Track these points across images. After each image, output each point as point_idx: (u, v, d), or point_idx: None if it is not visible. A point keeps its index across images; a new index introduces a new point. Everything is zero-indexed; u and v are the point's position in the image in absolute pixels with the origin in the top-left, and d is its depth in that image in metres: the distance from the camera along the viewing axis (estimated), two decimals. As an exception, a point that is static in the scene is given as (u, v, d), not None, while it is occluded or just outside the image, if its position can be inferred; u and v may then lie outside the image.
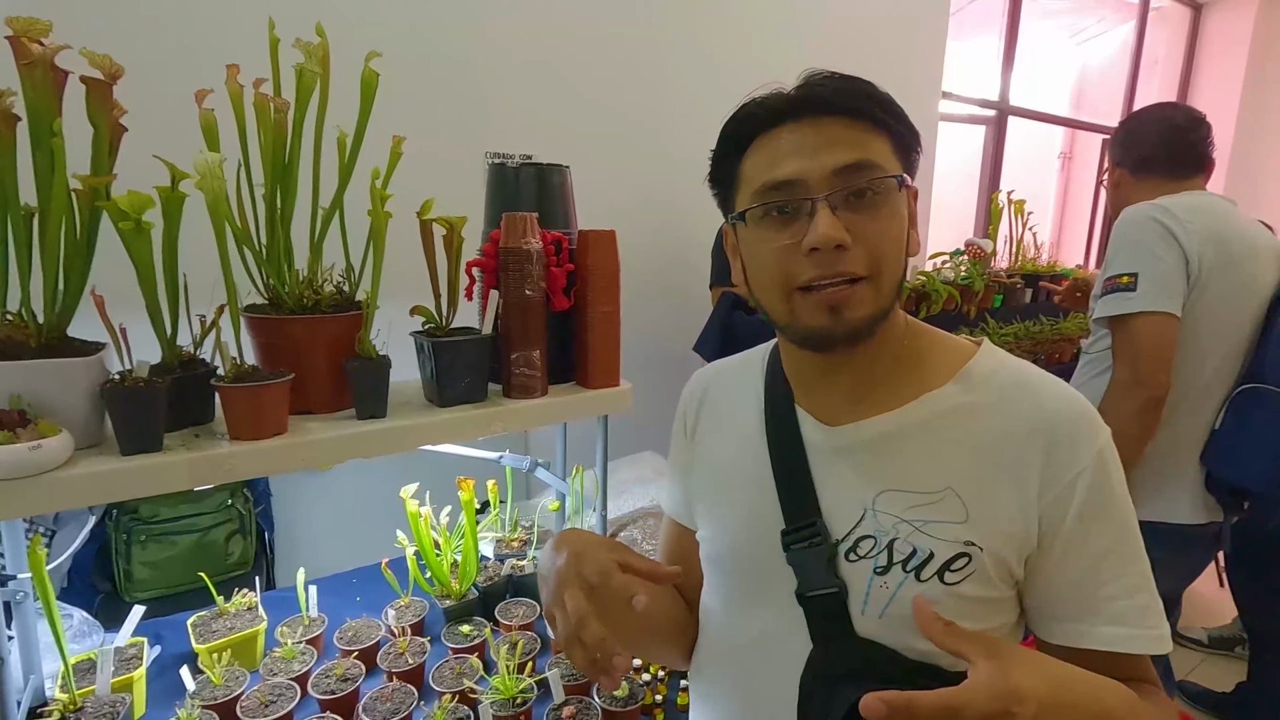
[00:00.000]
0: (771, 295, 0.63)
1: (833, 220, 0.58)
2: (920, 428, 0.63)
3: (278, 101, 0.93)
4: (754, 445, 0.71)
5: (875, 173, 0.59)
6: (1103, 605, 0.59)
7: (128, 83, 0.85)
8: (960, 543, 0.59)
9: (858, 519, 0.63)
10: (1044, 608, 0.62)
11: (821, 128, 0.60)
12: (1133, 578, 0.59)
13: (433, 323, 1.09)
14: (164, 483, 0.84)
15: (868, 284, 0.59)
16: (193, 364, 0.96)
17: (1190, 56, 4.68)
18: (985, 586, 0.60)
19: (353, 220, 1.03)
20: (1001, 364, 0.65)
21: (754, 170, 0.64)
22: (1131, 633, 0.58)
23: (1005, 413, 0.61)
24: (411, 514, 1.18)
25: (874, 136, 0.61)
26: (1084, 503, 0.59)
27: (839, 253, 0.58)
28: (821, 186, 0.59)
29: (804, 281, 0.59)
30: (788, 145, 0.61)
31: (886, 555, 0.61)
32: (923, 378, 0.65)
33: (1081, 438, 0.60)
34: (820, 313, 0.60)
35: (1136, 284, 1.33)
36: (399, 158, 1.03)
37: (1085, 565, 0.59)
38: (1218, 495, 1.40)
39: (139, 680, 1.00)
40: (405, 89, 1.77)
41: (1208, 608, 2.63)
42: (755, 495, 0.69)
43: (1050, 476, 0.59)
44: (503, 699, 0.99)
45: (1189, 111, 1.51)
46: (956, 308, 2.24)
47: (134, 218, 0.80)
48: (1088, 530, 0.59)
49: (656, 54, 2.25)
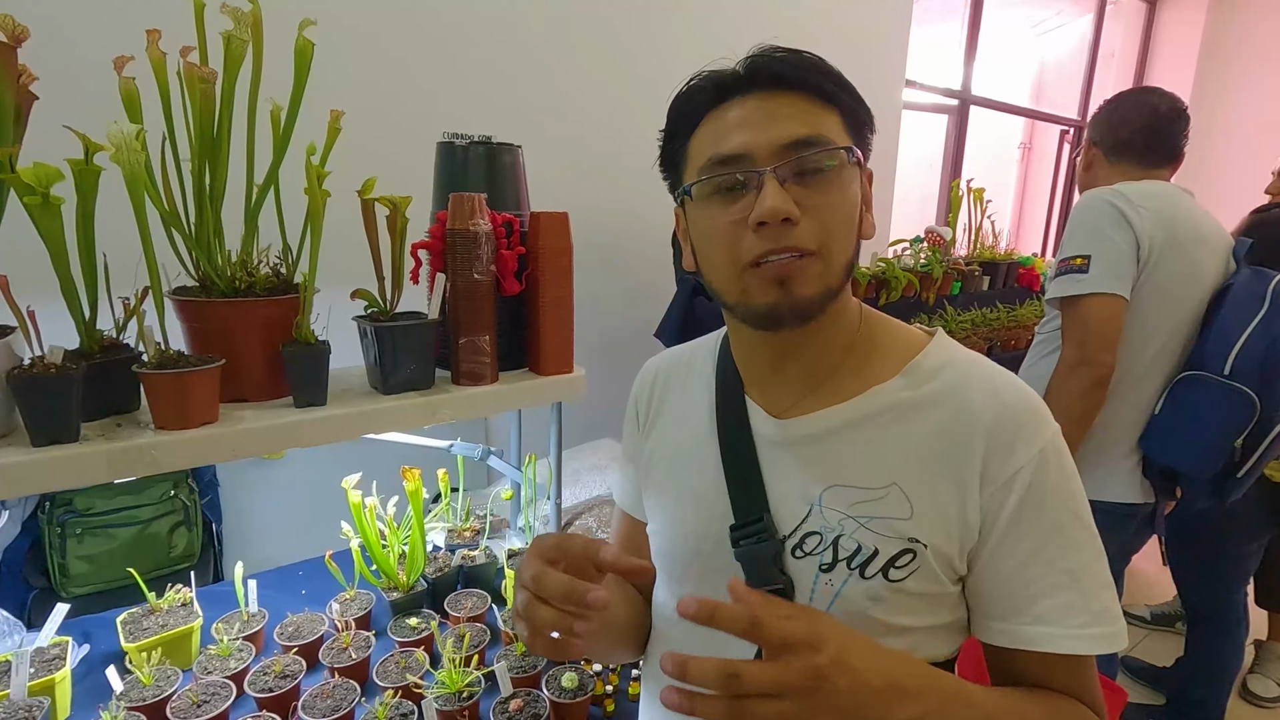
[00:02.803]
0: (722, 274, 0.61)
1: (780, 193, 0.55)
2: (866, 422, 0.62)
3: (203, 71, 0.88)
4: (704, 437, 0.70)
5: (825, 147, 0.57)
6: (1028, 604, 0.58)
7: (39, 48, 0.79)
8: (905, 539, 0.58)
9: (804, 515, 0.62)
10: (979, 606, 0.62)
11: (771, 102, 0.58)
12: (1058, 575, 0.58)
13: (376, 307, 1.05)
14: (80, 475, 0.80)
15: (816, 259, 0.57)
16: (115, 349, 0.90)
17: (1145, 50, 4.79)
18: (929, 582, 0.59)
19: (295, 200, 0.98)
20: (951, 357, 0.64)
21: (701, 146, 0.61)
22: (1051, 631, 0.57)
23: (949, 407, 0.60)
24: (354, 505, 1.14)
25: (825, 112, 0.59)
26: (1020, 500, 0.58)
27: (786, 227, 0.56)
28: (769, 160, 0.57)
29: (753, 257, 0.57)
30: (735, 119, 0.59)
31: (831, 552, 0.60)
32: (872, 370, 0.64)
33: (1024, 434, 0.58)
34: (769, 288, 0.58)
35: (1089, 266, 1.35)
36: (338, 133, 0.98)
37: (1015, 563, 0.58)
38: (1151, 478, 1.44)
39: (62, 682, 0.95)
40: (354, 63, 1.70)
41: (1150, 586, 2.73)
42: (705, 489, 0.68)
43: (990, 472, 0.58)
44: (448, 693, 0.97)
45: (1173, 101, 1.50)
46: (915, 294, 2.26)
47: (40, 192, 0.75)
48: (1020, 528, 0.58)
49: (614, 33, 2.21)
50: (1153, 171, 1.50)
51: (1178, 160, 1.52)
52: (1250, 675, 2.19)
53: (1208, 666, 1.94)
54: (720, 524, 0.65)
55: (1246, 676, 2.18)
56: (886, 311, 0.68)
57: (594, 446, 1.79)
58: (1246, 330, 1.32)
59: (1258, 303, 1.35)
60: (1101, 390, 1.36)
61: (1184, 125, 1.49)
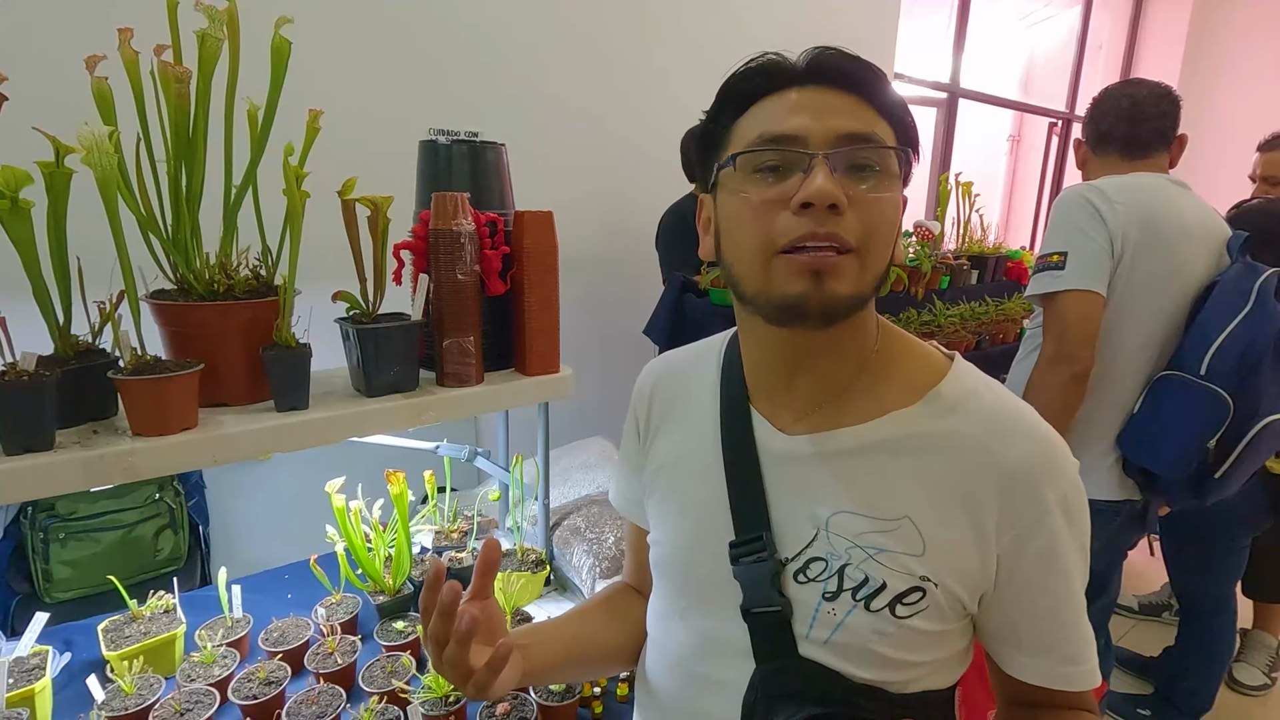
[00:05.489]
0: (748, 259, 0.57)
1: (831, 178, 0.53)
2: (882, 448, 0.59)
3: (177, 70, 0.86)
4: (708, 448, 0.67)
5: (881, 144, 0.55)
6: (1059, 643, 0.59)
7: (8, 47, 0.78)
8: (915, 576, 0.56)
9: (810, 538, 0.59)
10: (1003, 636, 0.61)
11: (830, 96, 0.56)
12: (1077, 611, 0.60)
13: (358, 308, 1.04)
14: (56, 483, 0.78)
15: (855, 258, 0.54)
16: (90, 355, 0.89)
17: (1132, 41, 4.81)
18: (938, 620, 0.58)
19: (274, 200, 0.97)
20: (974, 389, 0.61)
21: (750, 126, 0.58)
22: (1078, 671, 0.59)
23: (973, 445, 0.58)
24: (338, 509, 1.13)
25: (881, 121, 0.57)
26: (1049, 545, 0.57)
27: (832, 214, 0.53)
28: (823, 146, 0.54)
29: (789, 242, 0.54)
30: (793, 103, 0.56)
31: (837, 581, 0.58)
32: (889, 392, 0.61)
33: (1047, 477, 0.57)
34: (800, 278, 0.54)
35: (1065, 263, 1.35)
36: (316, 132, 0.97)
37: (1050, 604, 0.58)
38: (1133, 476, 1.44)
39: (42, 692, 0.94)
40: (336, 61, 1.68)
41: (1139, 576, 2.75)
42: (707, 502, 0.65)
43: (1011, 515, 0.56)
44: (435, 698, 0.96)
45: (1155, 89, 1.48)
46: (904, 289, 2.25)
47: (9, 195, 0.74)
48: (1056, 570, 0.58)
49: (601, 30, 2.19)
50: (1140, 162, 1.47)
51: (1167, 147, 1.48)
52: (1236, 664, 2.21)
53: (1199, 657, 1.95)
54: (720, 539, 0.63)
55: (1233, 665, 2.20)
56: (876, 306, 0.66)
57: (584, 445, 1.78)
58: (1226, 329, 1.30)
59: (1242, 300, 1.31)
60: (1080, 385, 1.35)
61: (1169, 109, 1.46)
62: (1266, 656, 2.21)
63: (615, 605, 0.81)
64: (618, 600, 0.82)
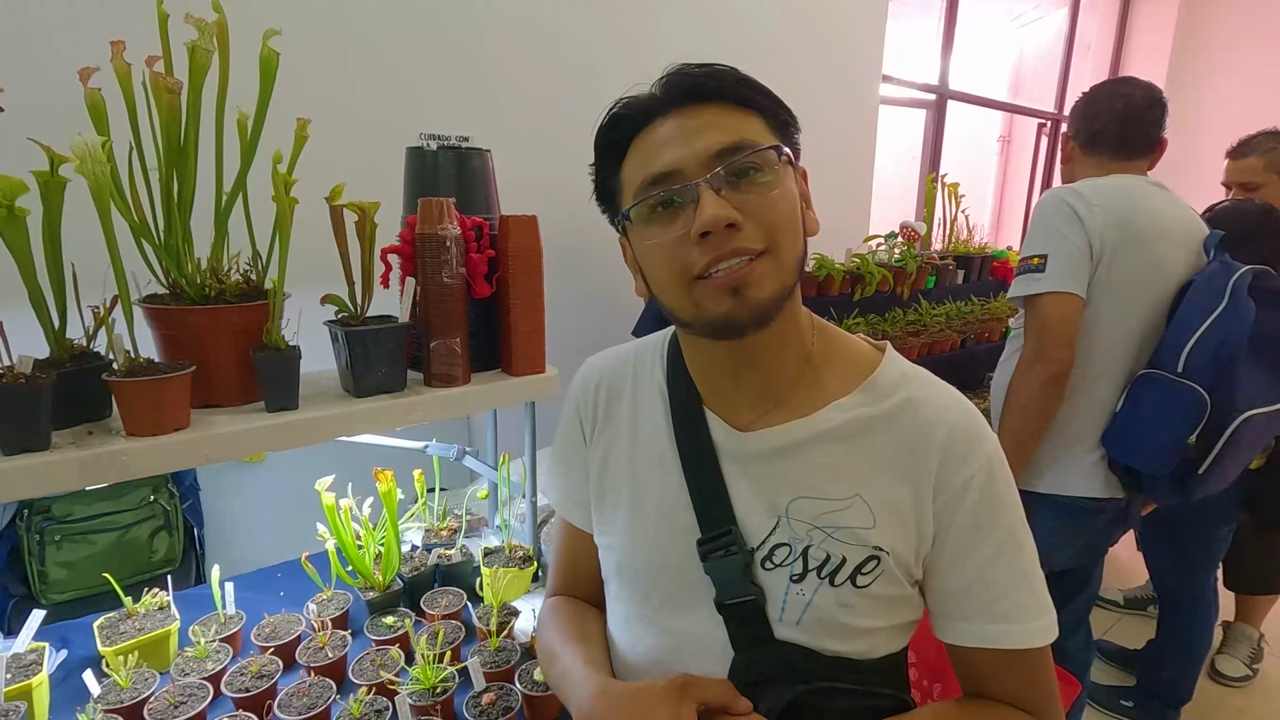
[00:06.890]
0: (672, 292, 0.61)
1: (719, 200, 0.56)
2: (829, 436, 0.64)
3: (168, 81, 0.88)
4: (663, 449, 0.69)
5: (753, 149, 0.58)
6: (990, 604, 0.62)
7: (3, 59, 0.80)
8: (870, 547, 0.61)
9: (772, 526, 0.63)
10: (940, 607, 0.65)
11: (692, 117, 0.59)
12: (1015, 575, 0.62)
13: (346, 311, 1.06)
14: (52, 482, 0.81)
15: (768, 258, 0.58)
16: (85, 358, 0.91)
17: (1120, 42, 4.85)
18: (892, 585, 0.62)
19: (264, 206, 0.99)
20: (903, 375, 0.66)
21: (633, 171, 0.62)
22: (1011, 629, 0.61)
23: (906, 423, 0.63)
24: (329, 507, 1.15)
25: (748, 118, 0.60)
26: (975, 506, 0.61)
27: (731, 232, 0.56)
28: (700, 171, 0.57)
29: (701, 269, 0.57)
30: (661, 138, 0.60)
31: (801, 563, 0.62)
32: (830, 384, 0.66)
33: (972, 445, 0.62)
34: (722, 297, 0.58)
35: (1045, 265, 1.37)
36: (305, 141, 0.99)
37: (976, 565, 0.62)
38: (1117, 473, 1.46)
39: (39, 686, 0.96)
40: (324, 69, 1.71)
41: (1124, 571, 2.79)
42: (666, 501, 0.68)
43: (942, 481, 0.61)
44: (422, 689, 0.99)
45: (1148, 90, 1.49)
46: (890, 289, 2.28)
47: (5, 204, 0.76)
48: (980, 532, 0.61)
49: (587, 33, 2.22)
50: (1128, 163, 1.49)
51: (1155, 149, 1.51)
52: (1218, 656, 2.24)
53: (1179, 648, 1.98)
54: (684, 537, 0.66)
55: (1215, 657, 2.24)
56: (861, 307, 0.70)
57: (573, 444, 1.81)
58: (1202, 326, 1.32)
59: (1217, 298, 1.33)
60: (1058, 386, 1.38)
61: (1159, 113, 1.48)
62: (1248, 648, 2.24)
63: (591, 615, 0.80)
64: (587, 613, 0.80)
